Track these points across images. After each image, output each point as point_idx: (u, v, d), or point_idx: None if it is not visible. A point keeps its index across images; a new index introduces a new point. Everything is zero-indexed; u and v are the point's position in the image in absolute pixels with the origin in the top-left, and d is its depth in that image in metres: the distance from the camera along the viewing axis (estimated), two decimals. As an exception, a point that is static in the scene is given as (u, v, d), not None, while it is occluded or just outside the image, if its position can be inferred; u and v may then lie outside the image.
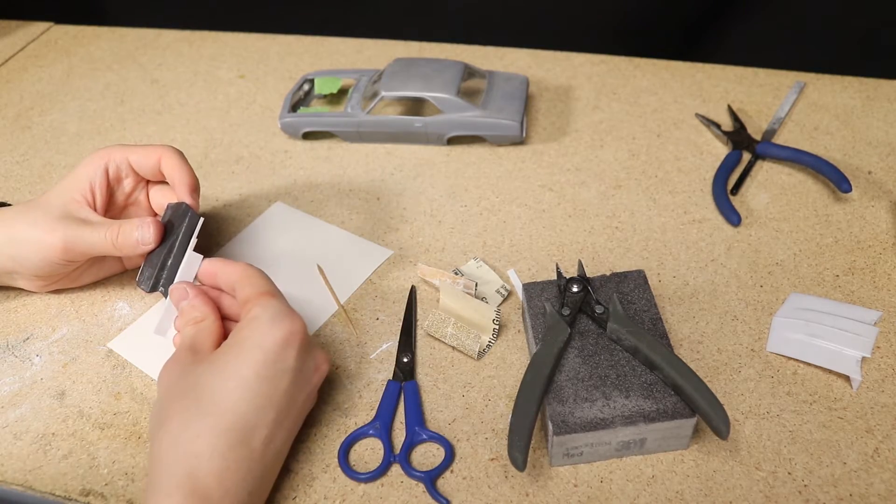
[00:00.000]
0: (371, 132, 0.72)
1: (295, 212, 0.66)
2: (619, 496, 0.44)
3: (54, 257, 0.53)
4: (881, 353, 0.51)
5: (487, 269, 0.58)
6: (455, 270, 0.58)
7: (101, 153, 0.56)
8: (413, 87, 0.70)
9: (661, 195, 0.65)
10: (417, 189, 0.68)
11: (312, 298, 0.58)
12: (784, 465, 0.45)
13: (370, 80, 0.74)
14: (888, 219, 0.61)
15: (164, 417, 0.43)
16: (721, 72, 0.79)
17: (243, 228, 0.65)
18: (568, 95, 0.77)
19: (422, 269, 0.58)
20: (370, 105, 0.70)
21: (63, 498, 0.47)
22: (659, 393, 0.45)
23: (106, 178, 0.55)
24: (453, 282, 0.55)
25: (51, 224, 0.52)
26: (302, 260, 0.61)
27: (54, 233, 0.52)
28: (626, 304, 0.50)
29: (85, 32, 0.96)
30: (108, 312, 0.58)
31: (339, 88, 0.77)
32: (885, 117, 0.71)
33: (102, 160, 0.55)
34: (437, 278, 0.57)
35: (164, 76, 0.86)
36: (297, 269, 0.60)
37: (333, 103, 0.78)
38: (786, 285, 0.56)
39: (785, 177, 0.66)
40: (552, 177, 0.68)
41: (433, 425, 0.49)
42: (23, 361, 0.55)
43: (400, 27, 0.90)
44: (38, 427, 0.51)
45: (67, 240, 0.52)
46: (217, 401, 0.42)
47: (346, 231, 0.64)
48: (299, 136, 0.73)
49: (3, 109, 0.83)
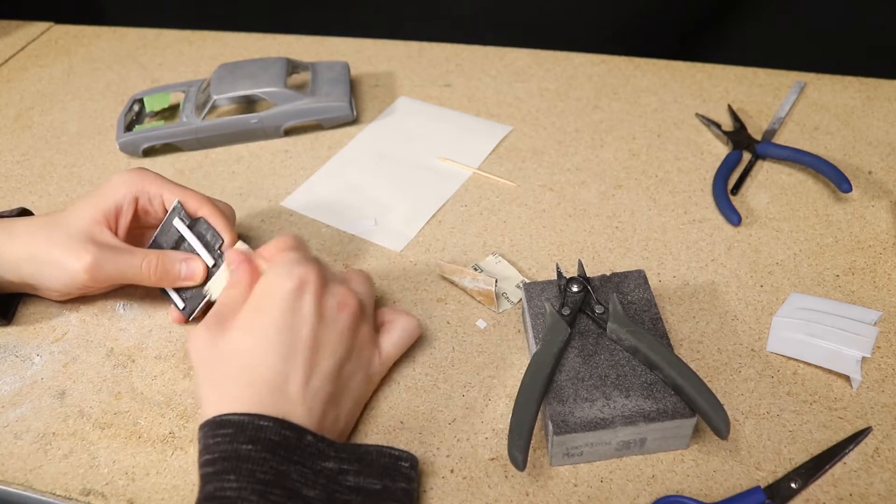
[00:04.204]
0: (210, 136, 0.73)
1: (416, 103, 0.77)
2: (619, 496, 0.44)
3: (78, 280, 0.52)
4: (881, 353, 0.51)
5: (507, 265, 0.59)
6: (474, 266, 0.59)
7: (135, 179, 0.54)
8: (242, 87, 0.72)
9: (661, 195, 0.65)
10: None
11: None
12: (784, 465, 0.45)
13: (199, 89, 0.76)
14: (888, 219, 0.61)
15: (202, 391, 0.45)
16: (721, 72, 0.79)
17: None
18: (568, 95, 0.77)
19: (442, 267, 0.58)
20: (204, 111, 0.72)
21: (63, 497, 0.47)
22: (659, 393, 0.45)
23: (135, 207, 0.54)
24: (473, 278, 0.56)
25: (75, 247, 0.51)
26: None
27: (80, 259, 0.51)
28: (626, 304, 0.50)
29: (85, 32, 0.96)
30: (109, 312, 0.58)
31: (170, 103, 0.78)
32: (885, 117, 0.71)
33: (134, 188, 0.54)
34: (458, 275, 0.57)
35: (165, 76, 0.86)
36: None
37: (168, 118, 0.78)
38: (786, 285, 0.56)
39: (785, 177, 0.66)
40: (552, 177, 0.68)
41: (434, 425, 0.49)
42: (23, 361, 0.55)
43: (400, 27, 0.90)
44: (38, 427, 0.51)
45: (94, 266, 0.51)
46: (244, 362, 0.44)
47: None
48: (139, 153, 0.74)
49: (4, 109, 0.83)
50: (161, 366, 0.54)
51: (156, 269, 0.52)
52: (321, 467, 0.42)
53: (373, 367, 0.49)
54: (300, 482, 0.40)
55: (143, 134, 0.73)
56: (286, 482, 0.40)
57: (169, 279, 0.53)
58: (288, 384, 0.43)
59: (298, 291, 0.45)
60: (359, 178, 0.69)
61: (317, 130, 0.76)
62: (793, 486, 0.44)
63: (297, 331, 0.44)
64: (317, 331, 0.45)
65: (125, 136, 0.73)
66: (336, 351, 0.46)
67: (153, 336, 0.56)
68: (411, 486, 0.43)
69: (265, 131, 0.74)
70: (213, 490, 0.39)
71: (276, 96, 0.72)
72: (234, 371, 0.44)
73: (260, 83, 0.72)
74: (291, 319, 0.44)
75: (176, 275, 0.53)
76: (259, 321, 0.44)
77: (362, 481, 0.42)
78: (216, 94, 0.72)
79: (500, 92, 0.79)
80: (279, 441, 0.41)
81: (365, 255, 0.62)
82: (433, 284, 0.58)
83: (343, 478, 0.42)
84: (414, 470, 0.44)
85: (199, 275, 0.53)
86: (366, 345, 0.49)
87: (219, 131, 0.73)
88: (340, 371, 0.46)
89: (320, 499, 0.40)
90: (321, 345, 0.45)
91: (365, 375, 0.49)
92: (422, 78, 0.82)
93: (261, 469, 0.40)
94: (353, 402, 0.48)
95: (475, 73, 0.82)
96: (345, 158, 0.72)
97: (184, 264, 0.53)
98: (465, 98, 0.78)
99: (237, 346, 0.44)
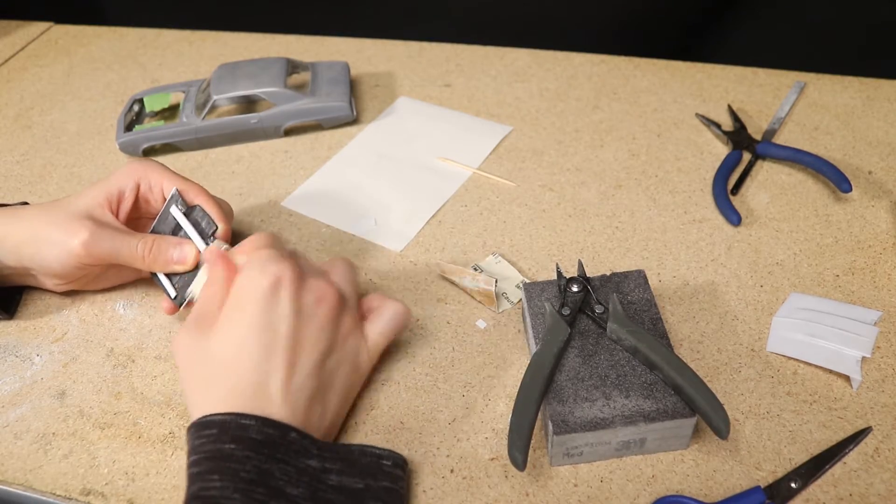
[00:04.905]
0: (209, 137, 0.73)
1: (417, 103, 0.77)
2: (619, 496, 0.44)
3: (73, 258, 0.52)
4: (881, 353, 0.51)
5: (507, 265, 0.59)
6: (474, 266, 0.59)
7: (138, 167, 0.56)
8: (242, 87, 0.72)
9: (661, 195, 0.65)
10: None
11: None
12: (784, 465, 0.45)
13: (199, 89, 0.76)
14: (888, 219, 0.61)
15: (188, 393, 0.45)
16: (721, 72, 0.79)
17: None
18: (568, 95, 0.77)
19: (442, 267, 0.58)
20: (204, 111, 0.72)
21: (63, 497, 0.47)
22: (659, 393, 0.45)
23: (136, 192, 0.55)
24: (473, 278, 0.56)
25: (73, 224, 0.52)
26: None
27: (76, 234, 0.52)
28: (626, 304, 0.50)
29: (85, 32, 0.96)
30: (109, 312, 0.58)
31: (170, 103, 0.78)
32: (885, 117, 0.71)
33: (136, 174, 0.55)
34: (458, 276, 0.57)
35: (165, 76, 0.86)
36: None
37: (168, 118, 0.78)
38: (786, 285, 0.56)
39: (785, 177, 0.66)
40: (552, 177, 0.68)
41: (434, 425, 0.49)
42: (23, 361, 0.55)
43: (400, 27, 0.90)
44: (38, 427, 0.51)
45: (91, 241, 0.52)
46: (225, 363, 0.44)
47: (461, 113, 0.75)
48: (139, 153, 0.74)
49: (4, 109, 0.83)
50: (161, 366, 0.54)
51: (150, 250, 0.53)
52: (305, 465, 0.42)
53: (360, 356, 0.49)
54: (283, 480, 0.40)
55: (143, 134, 0.73)
56: (270, 481, 0.40)
57: (161, 262, 0.53)
58: (269, 383, 0.43)
59: (274, 289, 0.45)
60: (358, 178, 0.69)
61: (317, 130, 0.76)
62: (793, 486, 0.44)
63: (276, 328, 0.44)
64: (295, 327, 0.45)
65: (125, 136, 0.73)
66: (317, 345, 0.46)
67: (153, 336, 0.56)
68: (396, 485, 0.43)
69: (265, 131, 0.74)
70: (197, 490, 0.39)
71: (276, 96, 0.72)
72: (216, 372, 0.44)
73: (260, 83, 0.72)
74: (268, 317, 0.44)
75: (168, 258, 0.53)
76: (237, 321, 0.45)
77: (345, 480, 0.42)
78: (216, 94, 0.72)
79: (500, 92, 0.79)
80: (262, 440, 0.41)
81: (365, 255, 0.62)
82: (433, 284, 0.58)
83: (326, 476, 0.42)
84: (399, 468, 0.44)
85: (190, 259, 0.53)
86: (350, 335, 0.48)
87: (219, 131, 0.73)
88: (323, 365, 0.46)
89: (304, 497, 0.40)
90: (301, 341, 0.45)
91: (351, 366, 0.48)
92: (422, 78, 0.82)
93: (244, 468, 0.40)
94: (341, 396, 0.48)
95: (475, 73, 0.82)
96: (345, 158, 0.72)
97: (177, 248, 0.53)
98: (465, 98, 0.78)
99: (218, 347, 0.45)
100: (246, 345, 0.44)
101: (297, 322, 0.45)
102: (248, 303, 0.45)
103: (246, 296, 0.45)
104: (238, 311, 0.45)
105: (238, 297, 0.46)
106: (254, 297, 0.45)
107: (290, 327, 0.45)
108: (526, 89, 0.79)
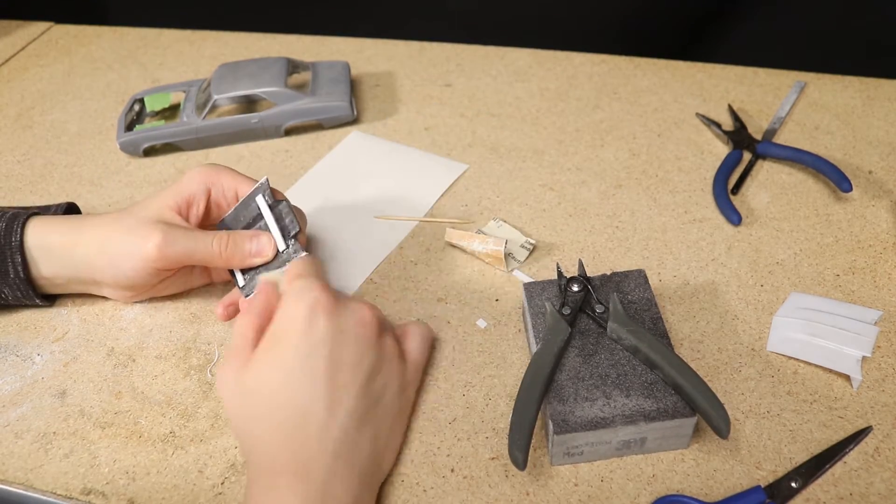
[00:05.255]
0: (210, 136, 0.73)
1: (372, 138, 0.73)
2: (619, 495, 0.44)
3: (148, 264, 0.51)
4: (881, 352, 0.51)
5: (509, 228, 0.61)
6: (478, 231, 0.61)
7: (207, 172, 0.54)
8: (243, 87, 0.72)
9: (661, 195, 0.65)
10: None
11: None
12: (784, 465, 0.45)
13: (199, 88, 0.76)
14: (889, 218, 0.61)
15: (235, 430, 0.45)
16: (721, 71, 0.79)
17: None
18: (568, 95, 0.78)
19: (449, 234, 0.60)
20: (204, 110, 0.72)
21: (64, 497, 0.47)
22: (659, 392, 0.45)
23: (207, 198, 0.54)
24: (482, 241, 0.58)
25: (144, 228, 0.51)
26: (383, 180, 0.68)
27: (149, 238, 0.50)
28: (627, 304, 0.50)
29: (86, 32, 0.96)
30: (110, 312, 0.58)
31: (171, 103, 0.78)
32: (885, 117, 0.71)
33: (207, 179, 0.54)
34: (466, 240, 0.59)
35: (165, 76, 0.87)
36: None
37: (168, 118, 0.78)
38: (786, 285, 0.56)
39: (785, 176, 0.66)
40: (553, 176, 0.68)
41: (434, 424, 0.49)
42: (24, 360, 0.55)
43: (400, 27, 0.90)
44: (39, 426, 0.51)
45: (164, 243, 0.50)
46: (269, 400, 0.43)
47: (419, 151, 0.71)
48: (140, 153, 0.74)
49: (4, 109, 0.83)
50: (162, 365, 0.54)
51: (227, 246, 0.51)
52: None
53: (405, 377, 0.48)
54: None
55: (143, 134, 0.73)
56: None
57: (239, 257, 0.52)
58: (315, 409, 0.42)
59: (311, 314, 0.44)
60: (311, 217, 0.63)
61: (317, 130, 0.76)
62: (793, 486, 0.44)
63: (317, 352, 0.43)
64: (337, 351, 0.43)
65: (126, 135, 0.73)
66: (360, 365, 0.44)
67: (154, 336, 0.56)
68: None
69: (265, 131, 0.74)
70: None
71: (276, 96, 0.72)
72: (261, 402, 0.43)
73: (260, 83, 0.72)
74: (309, 342, 0.43)
75: (245, 252, 0.52)
76: (276, 354, 0.43)
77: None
78: (217, 94, 0.72)
79: (501, 91, 0.79)
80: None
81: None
82: (433, 284, 0.58)
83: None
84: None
85: (267, 251, 0.52)
86: (393, 356, 0.47)
87: (219, 131, 0.73)
88: (370, 386, 0.45)
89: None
90: (344, 362, 0.44)
91: (399, 386, 0.47)
92: (422, 78, 0.82)
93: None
94: (391, 418, 0.46)
95: (475, 72, 0.82)
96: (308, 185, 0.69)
97: (253, 241, 0.52)
98: (465, 98, 0.78)
99: (259, 385, 0.43)
100: (289, 374, 0.43)
101: (338, 343, 0.44)
102: (287, 332, 0.44)
103: (284, 325, 0.44)
104: (278, 343, 0.44)
105: (276, 328, 0.44)
106: (292, 327, 0.44)
107: (330, 351, 0.43)
108: (526, 89, 0.79)
